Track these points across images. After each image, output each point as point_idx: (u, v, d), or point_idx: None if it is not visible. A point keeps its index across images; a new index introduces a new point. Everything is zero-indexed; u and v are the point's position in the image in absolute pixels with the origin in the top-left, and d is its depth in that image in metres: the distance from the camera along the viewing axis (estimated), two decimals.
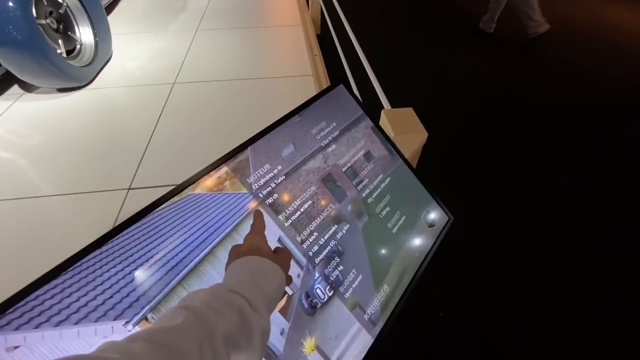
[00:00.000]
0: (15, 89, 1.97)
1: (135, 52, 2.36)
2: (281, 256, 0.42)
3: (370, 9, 3.63)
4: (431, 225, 0.61)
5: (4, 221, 1.24)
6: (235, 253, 0.41)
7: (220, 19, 2.85)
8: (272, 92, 1.93)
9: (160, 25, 2.78)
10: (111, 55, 2.27)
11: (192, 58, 2.27)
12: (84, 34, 2.05)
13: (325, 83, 2.05)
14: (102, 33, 2.14)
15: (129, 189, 1.35)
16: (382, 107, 1.05)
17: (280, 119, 0.64)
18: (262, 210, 0.51)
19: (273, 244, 0.46)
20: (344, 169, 0.66)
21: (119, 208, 1.27)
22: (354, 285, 0.55)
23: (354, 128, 0.71)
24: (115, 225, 1.20)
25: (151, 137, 1.61)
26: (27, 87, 1.97)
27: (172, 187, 0.53)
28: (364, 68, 1.42)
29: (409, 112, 0.89)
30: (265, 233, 0.45)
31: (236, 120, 1.71)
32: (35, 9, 1.73)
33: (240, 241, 0.44)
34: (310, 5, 2.86)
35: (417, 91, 2.38)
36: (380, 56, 2.70)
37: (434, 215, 0.62)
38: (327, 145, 0.67)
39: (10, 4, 1.54)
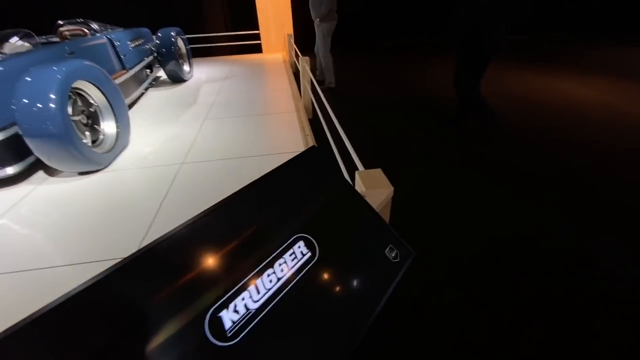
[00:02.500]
0: (40, 174, 2.22)
1: (150, 139, 2.69)
2: None
3: (349, 102, 4.20)
4: (394, 258, 0.72)
5: (22, 291, 1.31)
6: None
7: (226, 110, 3.31)
8: (270, 166, 2.16)
9: (173, 116, 3.21)
10: (128, 143, 2.58)
11: (200, 142, 2.58)
12: (108, 126, 2.40)
13: None
14: (123, 125, 2.49)
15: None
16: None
17: (260, 178, 0.81)
18: None
19: None
20: None
21: None
22: None
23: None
24: None
25: (157, 212, 1.77)
26: (51, 172, 2.21)
27: None
28: (345, 146, 1.66)
29: (377, 172, 1.07)
30: None
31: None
32: (72, 107, 2.08)
33: None
34: (302, 96, 3.35)
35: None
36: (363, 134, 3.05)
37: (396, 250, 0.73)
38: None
39: (52, 105, 1.87)
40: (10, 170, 2.00)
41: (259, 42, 6.60)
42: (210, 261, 0.62)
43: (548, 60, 6.64)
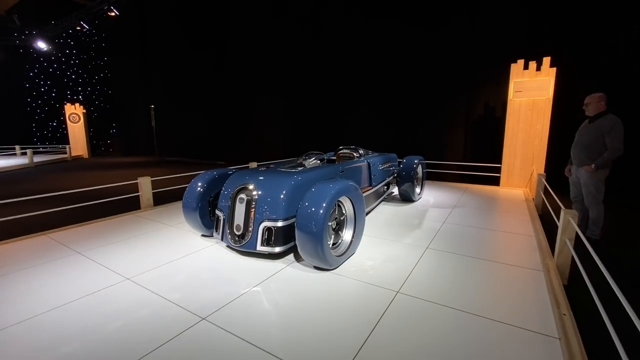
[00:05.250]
0: (290, 257, 2.78)
1: (372, 253, 2.86)
2: None
3: None
4: None
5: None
6: None
7: (450, 243, 3.10)
8: (499, 340, 1.68)
9: (397, 235, 3.34)
10: (355, 252, 2.85)
11: (418, 272, 2.47)
12: (347, 234, 2.77)
13: (579, 352, 1.59)
14: (357, 235, 2.81)
15: None
16: None
17: None
18: None
19: None
20: None
21: None
22: None
23: None
24: None
25: (367, 338, 1.70)
26: (297, 258, 2.73)
27: None
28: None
29: None
30: None
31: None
32: (330, 215, 2.57)
33: None
34: (557, 254, 2.64)
35: None
36: None
37: None
38: None
39: (320, 211, 2.37)
40: (277, 249, 2.63)
41: (497, 174, 6.27)
42: None
43: None
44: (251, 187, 2.78)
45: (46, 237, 3.39)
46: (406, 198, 4.82)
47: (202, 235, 3.34)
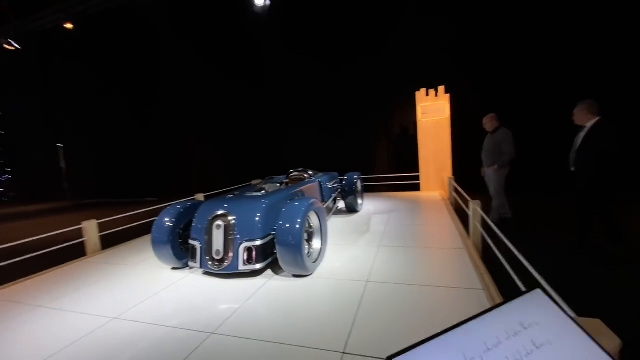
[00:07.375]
0: (268, 272, 3.10)
1: (337, 257, 3.36)
2: None
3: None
4: None
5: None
6: None
7: (396, 239, 3.80)
8: (446, 299, 2.33)
9: (352, 240, 3.92)
10: (324, 258, 3.32)
11: (378, 264, 3.05)
12: (316, 243, 3.23)
13: (498, 297, 2.31)
14: (324, 242, 3.29)
15: (343, 352, 1.80)
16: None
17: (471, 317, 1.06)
18: None
19: None
20: None
21: None
22: None
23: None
24: None
25: (354, 321, 2.16)
26: (276, 271, 3.07)
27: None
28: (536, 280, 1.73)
29: (596, 322, 1.15)
30: None
31: (420, 319, 2.12)
32: None
33: None
34: (471, 234, 3.52)
35: None
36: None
37: None
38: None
39: (296, 226, 2.79)
40: (258, 266, 2.94)
41: (417, 182, 7.48)
42: None
43: None
44: (226, 213, 3.06)
45: None
46: (351, 209, 5.50)
47: (173, 268, 3.40)
